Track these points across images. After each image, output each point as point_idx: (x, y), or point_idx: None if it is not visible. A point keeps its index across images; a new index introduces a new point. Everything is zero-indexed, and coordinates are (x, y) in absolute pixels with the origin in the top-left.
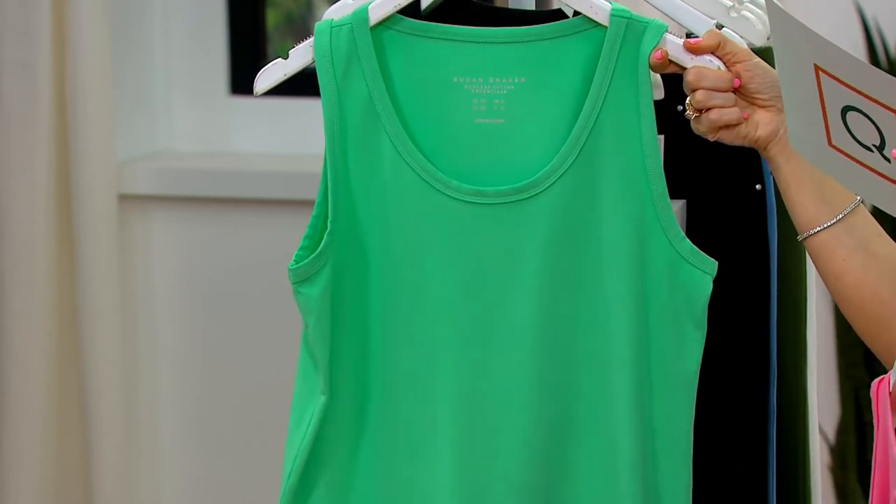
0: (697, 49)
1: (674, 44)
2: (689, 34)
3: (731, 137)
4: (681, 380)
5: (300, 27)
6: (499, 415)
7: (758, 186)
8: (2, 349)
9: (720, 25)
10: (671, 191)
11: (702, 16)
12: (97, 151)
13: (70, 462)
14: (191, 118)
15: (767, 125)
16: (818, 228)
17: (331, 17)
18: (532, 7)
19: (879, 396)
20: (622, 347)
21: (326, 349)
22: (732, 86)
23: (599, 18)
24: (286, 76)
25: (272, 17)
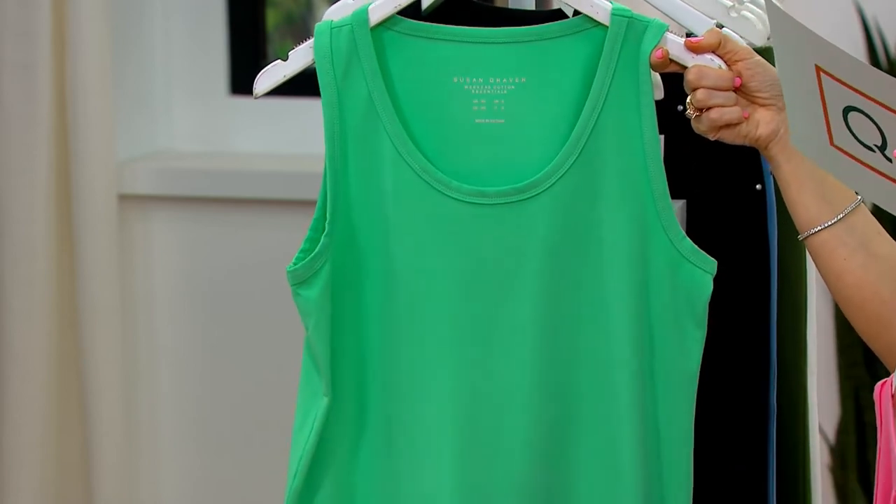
0: (698, 48)
1: (675, 43)
2: (689, 34)
3: (732, 136)
4: (682, 379)
5: (300, 27)
6: (499, 415)
7: (758, 186)
8: (2, 349)
9: (720, 25)
10: (671, 191)
11: (702, 16)
12: (97, 151)
13: (70, 462)
14: (191, 118)
15: (768, 124)
16: (819, 228)
17: (331, 18)
18: (532, 7)
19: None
20: (623, 347)
21: (327, 351)
22: (733, 85)
23: (600, 18)
24: (286, 78)
25: (272, 17)
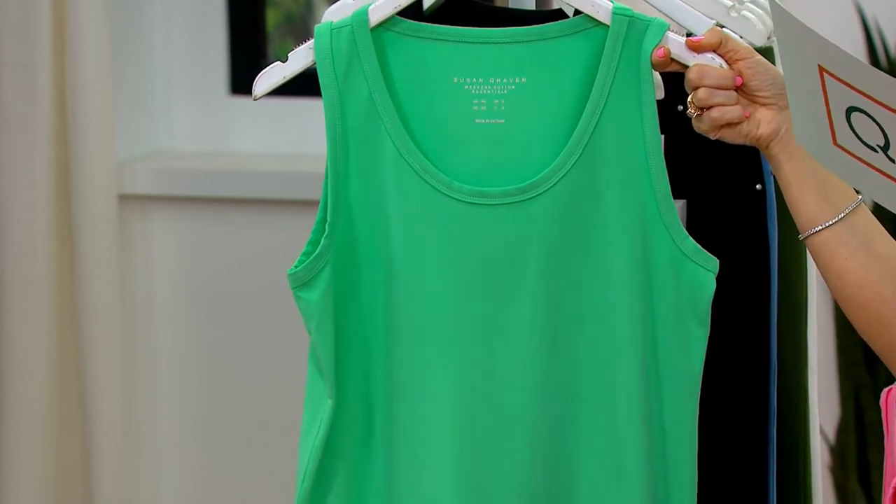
0: (699, 47)
1: (676, 42)
2: (689, 34)
3: (733, 136)
4: (685, 379)
5: (300, 27)
6: (499, 415)
7: (758, 186)
8: (2, 349)
9: (720, 25)
10: (671, 190)
11: (702, 16)
12: (97, 151)
13: (70, 462)
14: (191, 118)
15: (769, 123)
16: (820, 227)
17: (330, 18)
18: (532, 7)
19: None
20: (626, 347)
21: (330, 353)
22: (734, 84)
23: (601, 17)
24: (285, 79)
25: (272, 17)
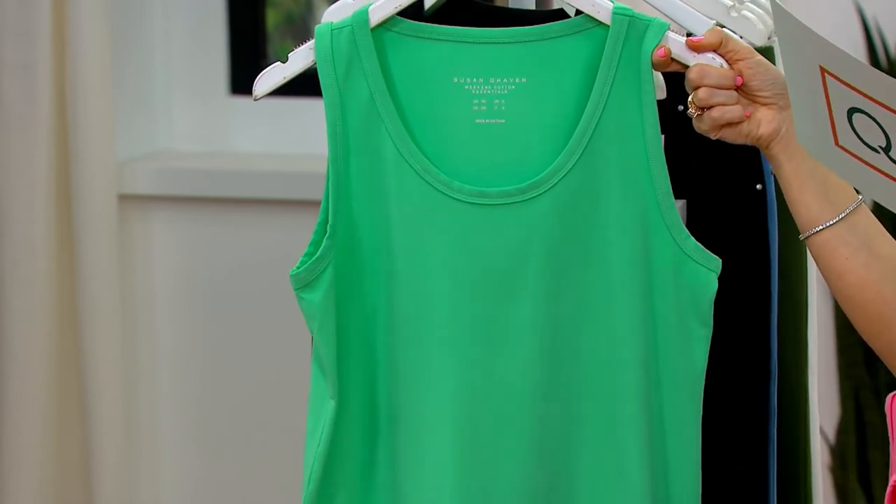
0: (700, 47)
1: (676, 42)
2: (690, 34)
3: (734, 135)
4: (688, 379)
5: (300, 27)
6: (500, 416)
7: (758, 186)
8: (2, 349)
9: (721, 25)
10: (672, 190)
11: (701, 16)
12: (97, 151)
13: (70, 462)
14: (191, 118)
15: (770, 123)
16: (820, 227)
17: (330, 19)
18: (532, 7)
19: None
20: (627, 347)
21: (333, 354)
22: (735, 83)
23: (601, 17)
24: (285, 80)
25: (272, 18)
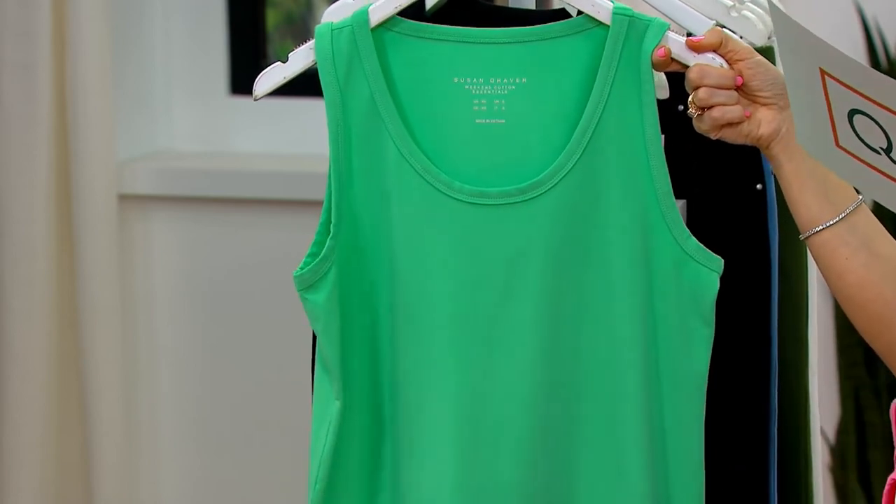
0: (700, 47)
1: (676, 42)
2: (689, 35)
3: (734, 136)
4: (690, 379)
5: (300, 27)
6: (500, 416)
7: (758, 186)
8: (2, 349)
9: (721, 25)
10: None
11: (701, 16)
12: (97, 151)
13: (70, 462)
14: (191, 118)
15: (770, 123)
16: (820, 227)
17: (330, 19)
18: (532, 6)
19: None
20: (628, 347)
21: (337, 355)
22: (735, 84)
23: (601, 17)
24: (286, 80)
25: (272, 18)
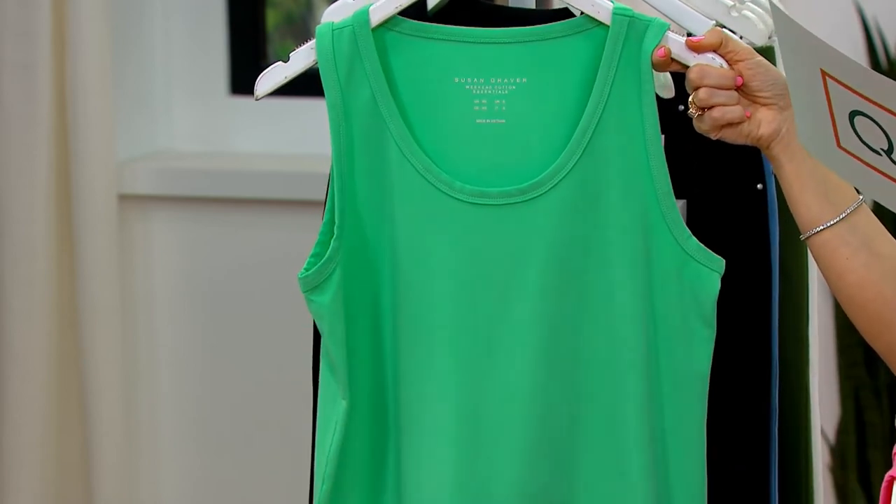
0: (700, 47)
1: (676, 42)
2: (690, 35)
3: (734, 136)
4: (691, 379)
5: (300, 27)
6: (501, 416)
7: (759, 186)
8: (2, 349)
9: (721, 25)
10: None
11: (701, 16)
12: (97, 151)
13: (70, 462)
14: (191, 118)
15: (770, 123)
16: (821, 227)
17: (330, 18)
18: (532, 6)
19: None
20: (629, 347)
21: (343, 354)
22: (735, 84)
23: (601, 17)
24: (287, 79)
25: (272, 18)
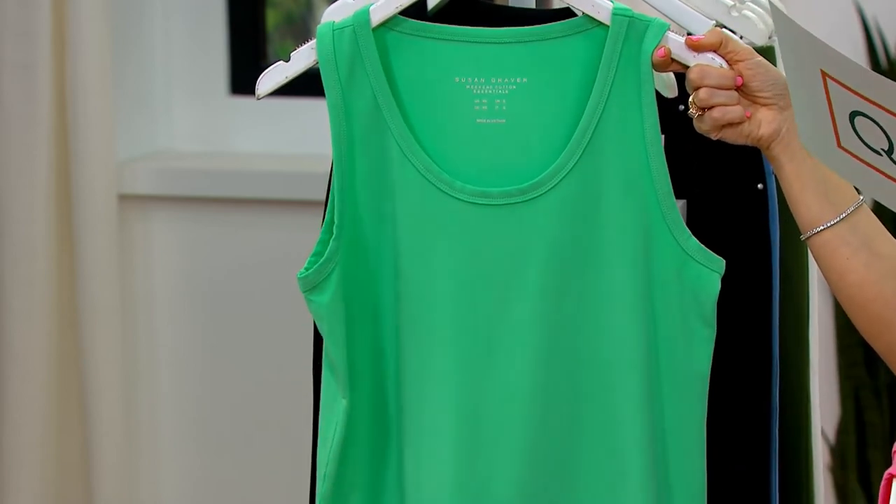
0: (699, 46)
1: (676, 42)
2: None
3: (734, 136)
4: (691, 379)
5: (300, 27)
6: (501, 416)
7: (759, 186)
8: (2, 349)
9: (721, 25)
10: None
11: (701, 16)
12: (97, 151)
13: (70, 462)
14: (191, 118)
15: (770, 123)
16: (821, 227)
17: (331, 18)
18: (532, 6)
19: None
20: (629, 347)
21: (343, 354)
22: (735, 84)
23: (601, 17)
24: (288, 79)
25: (272, 17)
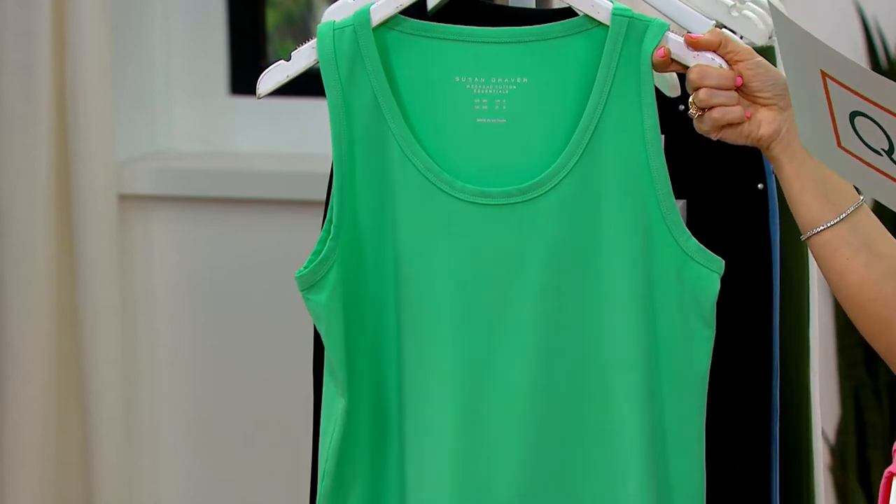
0: (698, 44)
1: (676, 42)
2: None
3: (734, 136)
4: (690, 380)
5: (300, 27)
6: (501, 415)
7: (759, 186)
8: (2, 349)
9: (721, 25)
10: (672, 191)
11: (701, 17)
12: (97, 151)
13: (70, 462)
14: (191, 118)
15: (770, 124)
16: (821, 227)
17: (331, 18)
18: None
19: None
20: (628, 347)
21: (341, 354)
22: (735, 84)
23: (601, 18)
24: (289, 78)
25: (272, 17)
